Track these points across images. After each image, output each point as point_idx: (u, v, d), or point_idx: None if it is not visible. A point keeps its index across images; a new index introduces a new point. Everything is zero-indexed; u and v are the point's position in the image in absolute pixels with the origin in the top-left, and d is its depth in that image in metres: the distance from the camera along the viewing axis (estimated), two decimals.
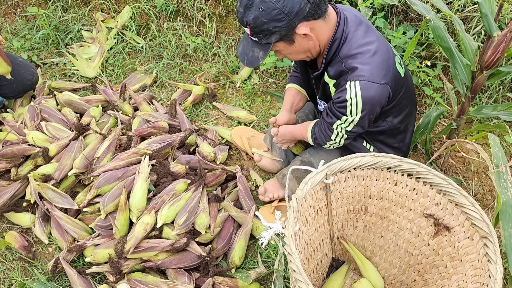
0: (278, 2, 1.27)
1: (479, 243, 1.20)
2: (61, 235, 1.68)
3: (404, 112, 1.58)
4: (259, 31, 1.34)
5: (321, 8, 1.34)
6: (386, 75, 1.37)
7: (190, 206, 1.61)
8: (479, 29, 2.17)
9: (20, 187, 1.77)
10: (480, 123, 2.17)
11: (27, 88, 2.15)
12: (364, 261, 1.55)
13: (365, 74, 1.34)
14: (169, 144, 1.86)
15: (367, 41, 1.38)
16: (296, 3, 1.28)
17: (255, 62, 1.42)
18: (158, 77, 2.46)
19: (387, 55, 1.40)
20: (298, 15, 1.31)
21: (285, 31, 1.34)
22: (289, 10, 1.29)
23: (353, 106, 1.38)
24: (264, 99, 2.36)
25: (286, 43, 1.40)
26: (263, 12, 1.29)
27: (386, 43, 1.44)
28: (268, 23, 1.31)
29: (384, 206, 1.45)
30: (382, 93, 1.37)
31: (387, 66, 1.38)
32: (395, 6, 2.26)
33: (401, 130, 1.64)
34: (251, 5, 1.30)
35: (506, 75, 1.64)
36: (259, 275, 1.59)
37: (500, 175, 1.34)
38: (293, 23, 1.32)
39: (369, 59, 1.36)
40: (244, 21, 1.34)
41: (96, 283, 1.60)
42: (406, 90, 1.52)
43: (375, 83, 1.34)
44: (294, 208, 1.16)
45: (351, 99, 1.36)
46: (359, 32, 1.40)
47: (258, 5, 1.29)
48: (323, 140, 1.55)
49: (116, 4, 2.70)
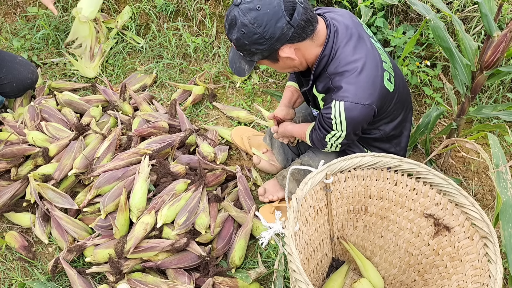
0: (259, 27, 1.27)
1: (479, 243, 1.21)
2: (61, 235, 1.68)
3: (396, 120, 1.57)
4: (242, 49, 1.36)
5: (306, 31, 1.33)
6: (372, 95, 1.35)
7: (190, 206, 1.61)
8: (479, 29, 2.17)
9: (20, 187, 1.77)
10: (480, 123, 2.17)
11: (27, 86, 2.15)
12: (364, 261, 1.55)
13: (349, 95, 1.34)
14: (169, 144, 1.86)
15: (355, 58, 1.36)
16: (277, 29, 1.27)
17: (241, 73, 1.45)
18: (158, 77, 2.46)
19: (375, 73, 1.37)
20: (280, 39, 1.30)
21: (267, 52, 1.35)
22: (270, 35, 1.29)
23: (338, 124, 1.39)
24: (264, 99, 2.36)
25: (270, 61, 1.42)
26: (244, 35, 1.30)
27: (375, 59, 1.40)
28: (250, 45, 1.32)
29: (384, 206, 1.45)
30: (366, 113, 1.37)
31: (373, 85, 1.36)
32: (395, 6, 2.26)
33: (395, 136, 1.63)
34: (234, 25, 1.31)
35: (506, 75, 1.64)
36: (259, 275, 1.59)
37: (500, 175, 1.35)
38: (275, 46, 1.32)
39: (355, 78, 1.34)
40: (229, 37, 1.36)
41: (96, 283, 1.60)
42: (397, 101, 1.51)
43: (359, 104, 1.34)
44: (294, 208, 1.16)
45: (336, 118, 1.38)
46: (348, 48, 1.38)
47: (240, 27, 1.29)
48: (320, 147, 1.57)
49: (116, 4, 2.70)
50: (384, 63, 1.42)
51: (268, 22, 1.26)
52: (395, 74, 1.49)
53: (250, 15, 1.26)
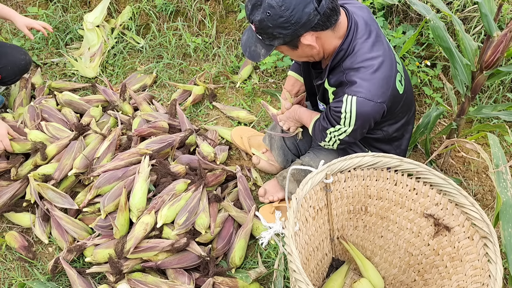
0: (286, 10, 1.23)
1: (479, 243, 1.21)
2: (61, 235, 1.68)
3: (400, 122, 1.57)
4: (263, 32, 1.31)
5: (330, 20, 1.30)
6: (384, 94, 1.35)
7: (190, 206, 1.61)
8: (479, 29, 2.17)
9: (20, 187, 1.77)
10: (480, 123, 2.17)
11: (22, 68, 2.12)
12: (364, 261, 1.55)
13: (363, 90, 1.33)
14: (169, 144, 1.86)
15: (373, 55, 1.35)
16: (304, 14, 1.24)
17: (256, 58, 1.39)
18: (158, 77, 2.46)
19: (389, 73, 1.37)
20: (305, 26, 1.27)
21: (289, 38, 1.31)
22: (296, 20, 1.25)
23: (347, 119, 1.38)
24: (264, 99, 2.36)
25: (289, 47, 1.38)
26: (269, 17, 1.25)
27: (391, 58, 1.39)
28: (273, 28, 1.28)
29: (384, 206, 1.45)
30: (377, 111, 1.36)
31: (387, 84, 1.36)
32: (395, 6, 2.26)
33: (397, 138, 1.63)
34: (259, 6, 1.26)
35: (506, 75, 1.64)
36: (259, 275, 1.59)
37: (500, 175, 1.35)
38: (299, 32, 1.29)
39: (370, 75, 1.33)
40: (250, 19, 1.31)
41: (96, 283, 1.60)
42: (404, 104, 1.51)
43: (372, 101, 1.33)
44: (294, 208, 1.16)
45: (346, 113, 1.36)
46: (367, 44, 1.36)
47: (266, 9, 1.24)
48: (319, 138, 1.55)
49: (116, 4, 2.70)
50: (398, 64, 1.42)
51: (296, 6, 1.22)
52: (405, 76, 1.49)
53: None
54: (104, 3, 2.60)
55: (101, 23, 2.59)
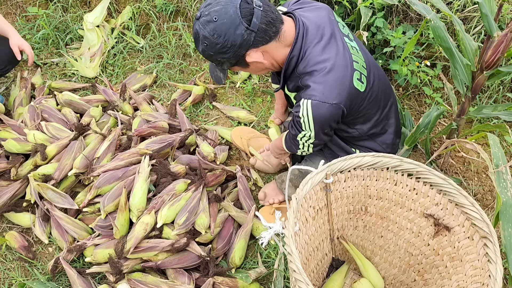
0: (219, 37, 1.28)
1: (479, 243, 1.21)
2: (61, 235, 1.68)
3: (373, 119, 1.56)
4: (211, 60, 1.39)
5: (268, 33, 1.33)
6: (339, 95, 1.35)
7: (190, 206, 1.61)
8: (479, 29, 2.17)
9: (20, 187, 1.77)
10: (480, 123, 2.17)
11: (12, 57, 2.05)
12: (364, 261, 1.55)
13: (316, 94, 1.34)
14: (169, 144, 1.86)
15: (324, 58, 1.36)
16: (237, 36, 1.28)
17: (219, 81, 1.48)
18: (158, 77, 2.46)
19: (343, 73, 1.36)
20: (243, 46, 1.31)
21: (234, 60, 1.36)
22: (231, 43, 1.30)
23: (305, 123, 1.39)
24: (264, 99, 2.36)
25: (241, 67, 1.43)
26: (208, 47, 1.32)
27: (345, 59, 1.38)
28: (216, 55, 1.34)
29: (384, 206, 1.45)
30: (333, 112, 1.36)
31: (341, 85, 1.36)
32: (395, 6, 2.26)
33: (377, 134, 1.62)
34: (198, 39, 1.33)
35: (506, 75, 1.64)
36: (259, 275, 1.59)
37: (500, 175, 1.35)
38: (240, 52, 1.33)
39: (323, 77, 1.34)
40: (198, 50, 1.39)
41: (96, 283, 1.60)
42: (371, 101, 1.49)
43: (326, 103, 1.34)
44: (294, 208, 1.16)
45: (303, 117, 1.37)
46: (318, 48, 1.38)
47: (203, 40, 1.31)
48: (294, 148, 1.56)
49: (116, 4, 2.70)
50: (356, 63, 1.41)
51: (226, 31, 1.28)
52: (370, 73, 1.47)
53: (209, 27, 1.28)
54: (104, 3, 2.61)
55: (101, 23, 2.60)
